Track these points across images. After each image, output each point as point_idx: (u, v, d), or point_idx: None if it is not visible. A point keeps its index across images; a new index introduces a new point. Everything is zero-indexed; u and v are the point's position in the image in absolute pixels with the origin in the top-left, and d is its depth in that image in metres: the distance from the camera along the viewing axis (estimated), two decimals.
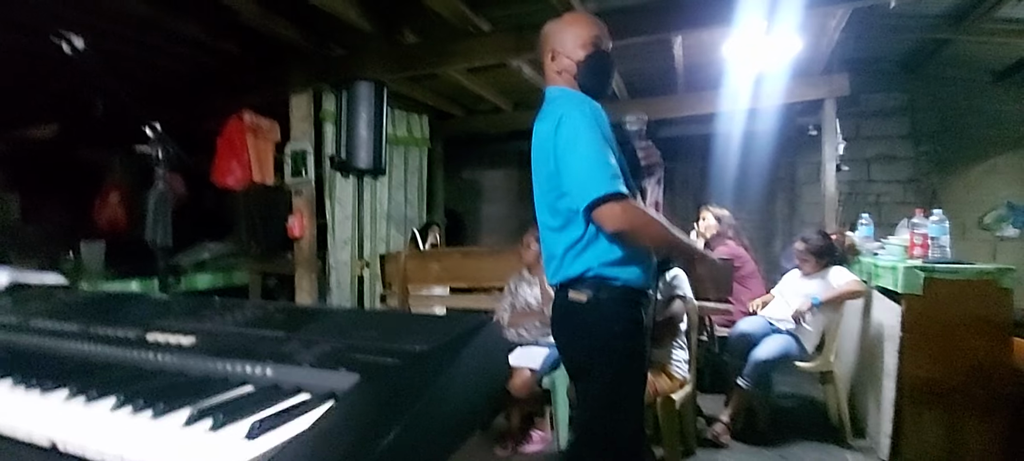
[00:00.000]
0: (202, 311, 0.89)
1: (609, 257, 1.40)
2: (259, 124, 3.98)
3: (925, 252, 2.48)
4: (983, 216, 4.62)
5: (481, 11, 3.13)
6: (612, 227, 1.34)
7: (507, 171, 6.36)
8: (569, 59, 1.46)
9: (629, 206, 1.34)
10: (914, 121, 4.79)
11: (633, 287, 1.42)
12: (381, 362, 0.60)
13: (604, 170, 1.32)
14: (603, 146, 1.35)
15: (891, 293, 2.50)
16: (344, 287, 3.96)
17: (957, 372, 2.31)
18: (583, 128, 1.36)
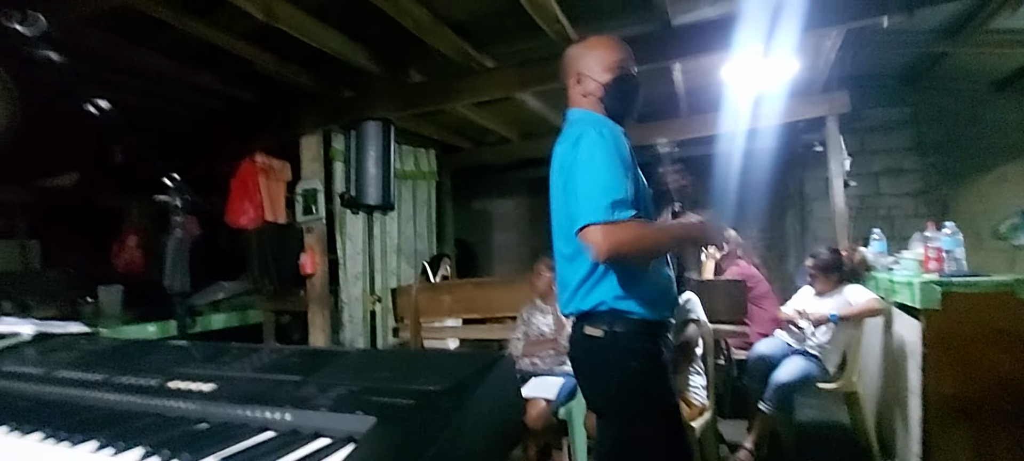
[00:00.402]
0: (221, 357, 0.91)
1: (623, 290, 1.35)
2: (271, 165, 4.08)
3: (940, 266, 2.44)
4: (998, 225, 4.57)
5: (484, 49, 3.21)
6: (597, 254, 1.28)
7: (517, 199, 6.40)
8: (595, 82, 1.44)
9: (611, 228, 1.26)
10: (919, 133, 4.78)
11: (650, 320, 1.36)
12: (397, 404, 0.61)
13: (604, 196, 1.27)
14: (616, 170, 1.30)
15: (910, 309, 2.46)
16: (357, 322, 3.98)
17: (982, 387, 2.26)
18: (599, 150, 1.31)
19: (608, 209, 1.27)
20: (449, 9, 2.79)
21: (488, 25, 2.96)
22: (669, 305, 1.45)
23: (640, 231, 1.32)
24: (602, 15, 2.88)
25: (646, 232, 1.35)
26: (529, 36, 2.95)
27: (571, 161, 1.35)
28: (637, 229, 1.31)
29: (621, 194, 1.28)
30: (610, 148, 1.32)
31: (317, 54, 3.00)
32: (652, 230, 1.36)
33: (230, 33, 2.83)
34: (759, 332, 3.18)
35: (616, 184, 1.29)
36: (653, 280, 1.40)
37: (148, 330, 3.33)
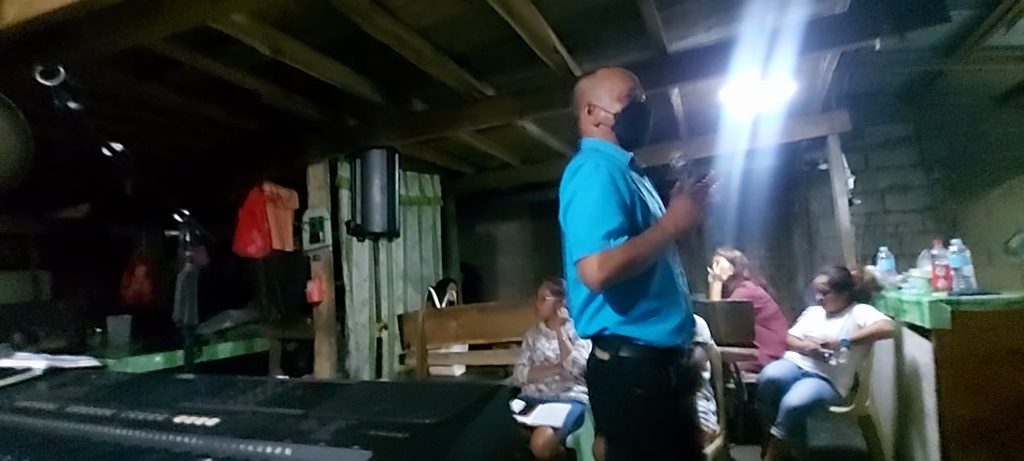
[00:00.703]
0: (225, 391, 0.92)
1: (626, 315, 1.36)
2: (278, 194, 4.15)
3: (949, 284, 2.41)
4: (1008, 240, 4.52)
5: (485, 78, 3.28)
6: (591, 285, 1.33)
7: (520, 223, 6.44)
8: (606, 112, 1.49)
9: (604, 257, 1.30)
10: (922, 150, 4.78)
11: (658, 346, 1.36)
12: (393, 438, 0.62)
13: (597, 228, 1.32)
14: (608, 201, 1.34)
15: (920, 329, 2.43)
16: (363, 350, 3.98)
17: (1001, 409, 2.20)
18: (594, 181, 1.36)
19: (602, 240, 1.31)
20: (450, 41, 2.86)
21: (488, 55, 3.03)
22: (681, 331, 1.41)
23: (629, 252, 1.32)
24: (599, 45, 2.93)
25: (635, 249, 1.33)
26: (528, 66, 3.00)
27: (569, 191, 1.41)
28: (626, 250, 1.32)
29: (614, 224, 1.33)
30: (604, 179, 1.36)
31: (322, 85, 3.08)
32: (636, 243, 1.34)
33: (238, 68, 2.92)
34: (769, 354, 3.15)
35: (609, 215, 1.33)
36: (660, 304, 1.38)
37: (155, 360, 3.35)
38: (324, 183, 3.82)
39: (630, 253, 1.31)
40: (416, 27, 2.66)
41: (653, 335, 1.36)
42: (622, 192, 1.38)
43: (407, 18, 2.58)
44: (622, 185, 1.39)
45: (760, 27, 2.61)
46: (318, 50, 2.83)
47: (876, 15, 2.43)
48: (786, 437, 2.62)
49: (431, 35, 2.76)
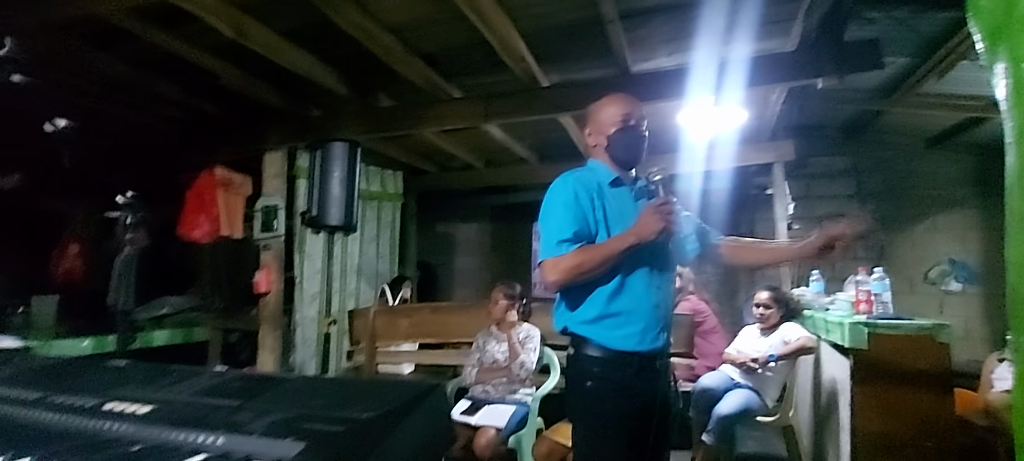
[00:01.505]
0: (161, 379, 0.92)
1: (584, 316, 1.51)
2: (231, 178, 4.02)
3: (870, 308, 2.59)
4: (928, 271, 4.91)
5: (452, 79, 3.30)
6: (546, 285, 1.52)
7: (480, 225, 6.46)
8: (601, 135, 1.63)
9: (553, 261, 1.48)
10: (859, 182, 5.11)
11: (612, 349, 1.47)
12: (327, 430, 0.65)
13: (553, 235, 1.50)
14: (565, 213, 1.50)
15: (841, 348, 2.61)
16: (310, 344, 3.91)
17: (906, 426, 2.38)
18: (557, 195, 1.55)
19: (555, 246, 1.49)
20: (419, 40, 2.87)
21: (457, 57, 3.05)
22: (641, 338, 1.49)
23: (578, 257, 1.47)
24: (566, 58, 3.02)
25: (584, 255, 1.47)
26: (496, 71, 3.05)
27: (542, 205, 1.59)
28: (576, 256, 1.47)
29: (567, 233, 1.49)
30: (566, 193, 1.54)
31: (286, 72, 3.02)
32: (588, 249, 1.48)
33: (198, 46, 2.83)
34: (706, 365, 3.30)
35: (564, 224, 1.50)
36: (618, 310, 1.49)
37: (82, 345, 3.18)
38: (281, 171, 3.74)
39: (578, 258, 1.47)
40: (386, 23, 2.66)
41: (608, 339, 1.48)
42: (583, 206, 1.52)
43: (378, 13, 2.57)
44: (585, 200, 1.53)
45: (716, 57, 2.76)
46: (284, 36, 2.78)
47: (819, 57, 2.62)
48: (716, 444, 2.76)
49: (401, 32, 2.76)
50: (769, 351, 2.86)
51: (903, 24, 2.77)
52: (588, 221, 1.52)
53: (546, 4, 2.51)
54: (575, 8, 2.52)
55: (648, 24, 2.65)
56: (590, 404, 1.50)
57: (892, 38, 2.89)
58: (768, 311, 3.05)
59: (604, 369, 1.48)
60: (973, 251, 4.77)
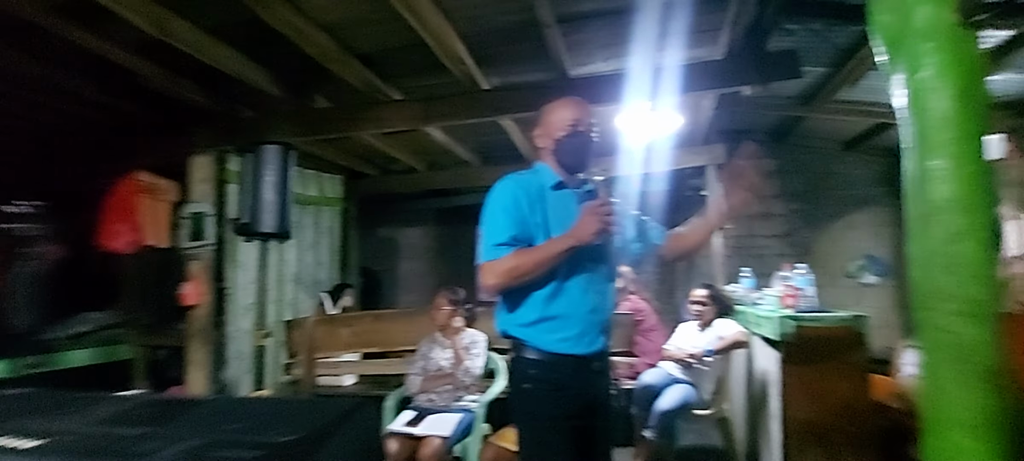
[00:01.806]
0: (62, 407, 0.83)
1: (521, 319, 1.52)
2: (155, 184, 3.76)
3: (796, 302, 2.74)
4: (848, 265, 5.29)
5: (391, 81, 3.23)
6: (486, 292, 1.51)
7: (424, 229, 6.37)
8: (549, 138, 1.63)
9: (488, 265, 1.49)
10: (784, 183, 5.44)
11: (548, 352, 1.49)
12: (242, 457, 0.60)
13: (489, 239, 1.51)
14: (502, 216, 1.51)
15: (770, 341, 2.76)
16: (244, 358, 3.70)
17: (830, 412, 2.54)
18: (495, 199, 1.55)
19: (492, 250, 1.50)
20: (355, 40, 2.79)
21: (395, 58, 2.99)
22: (578, 341, 1.51)
23: (513, 261, 1.48)
24: (506, 61, 3.02)
25: (518, 259, 1.47)
26: (436, 73, 3.01)
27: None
28: (510, 259, 1.48)
29: (503, 237, 1.50)
30: (504, 197, 1.54)
31: (213, 71, 2.85)
32: (523, 253, 1.48)
33: (116, 43, 2.62)
34: (646, 363, 3.40)
35: (500, 228, 1.51)
36: (554, 313, 1.50)
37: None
38: (210, 176, 3.52)
39: (514, 261, 1.47)
40: (320, 22, 2.57)
41: (544, 342, 1.50)
42: (522, 209, 1.52)
43: (310, 11, 2.48)
44: (525, 203, 1.53)
45: (650, 63, 2.85)
46: (210, 33, 2.63)
47: (745, 66, 2.77)
48: (657, 439, 2.85)
49: (335, 31, 2.68)
50: (705, 346, 2.98)
51: (819, 36, 2.97)
52: (527, 225, 1.52)
53: (483, 6, 2.50)
54: (513, 11, 2.53)
55: (585, 29, 2.70)
56: (528, 405, 1.52)
57: (809, 49, 3.10)
58: (704, 308, 3.18)
59: (541, 371, 1.50)
60: (886, 246, 5.19)
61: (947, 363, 1.14)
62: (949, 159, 1.08)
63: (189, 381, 3.31)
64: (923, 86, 1.10)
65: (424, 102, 3.24)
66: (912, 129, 1.13)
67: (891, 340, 4.57)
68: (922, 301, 1.19)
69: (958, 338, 1.12)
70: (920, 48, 1.09)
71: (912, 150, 1.13)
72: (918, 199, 1.14)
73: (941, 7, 1.08)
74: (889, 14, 1.16)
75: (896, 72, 1.17)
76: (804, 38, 2.99)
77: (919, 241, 1.17)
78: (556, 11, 2.45)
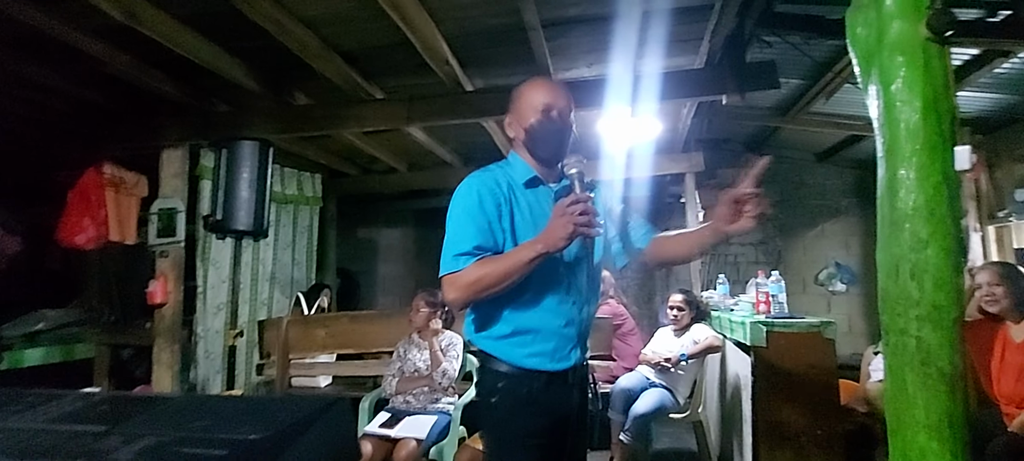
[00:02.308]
0: (9, 405, 0.79)
1: (490, 332, 1.39)
2: (122, 177, 3.63)
3: (768, 308, 2.81)
4: (818, 274, 5.43)
5: (373, 80, 3.20)
6: (452, 304, 1.37)
7: (404, 230, 6.32)
8: (520, 126, 1.45)
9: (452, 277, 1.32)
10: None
11: (518, 366, 1.36)
12: (206, 454, 0.58)
13: (450, 248, 1.34)
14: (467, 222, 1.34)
15: (743, 345, 2.81)
16: (214, 358, 3.60)
17: (799, 414, 2.60)
18: (458, 203, 1.38)
19: (453, 261, 1.32)
20: (338, 37, 2.75)
21: (378, 57, 2.96)
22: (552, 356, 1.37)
23: (476, 272, 1.30)
24: (490, 63, 3.02)
25: (483, 270, 1.30)
26: (419, 73, 2.99)
27: None
28: (475, 270, 1.30)
29: (465, 246, 1.32)
30: (468, 200, 1.37)
31: (186, 62, 2.77)
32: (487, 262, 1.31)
33: (79, 28, 2.52)
34: (624, 367, 3.42)
35: (463, 236, 1.34)
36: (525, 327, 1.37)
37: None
38: (181, 171, 3.42)
39: (477, 273, 1.29)
40: (301, 16, 2.52)
41: (513, 357, 1.37)
42: (488, 212, 1.35)
43: (291, 5, 2.43)
44: (491, 205, 1.36)
45: (631, 70, 2.88)
46: (183, 22, 2.55)
47: (724, 76, 2.82)
48: (633, 442, 2.86)
49: (318, 27, 2.63)
50: (681, 351, 3.02)
51: (796, 49, 3.05)
52: (493, 230, 1.35)
53: (470, 8, 2.50)
54: (499, 14, 2.52)
55: (569, 34, 2.72)
56: (496, 420, 1.41)
57: (787, 61, 3.18)
58: (681, 313, 3.22)
59: (509, 383, 1.37)
60: (855, 255, 5.34)
61: (911, 366, 1.17)
62: (916, 168, 1.12)
63: (155, 381, 3.21)
64: (893, 98, 1.14)
65: (407, 102, 3.21)
66: (883, 139, 1.16)
67: (858, 346, 4.73)
68: (888, 306, 1.22)
69: (921, 342, 1.15)
70: (892, 61, 1.13)
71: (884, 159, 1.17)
72: (887, 207, 1.18)
73: (913, 23, 1.12)
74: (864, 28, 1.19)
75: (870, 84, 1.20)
76: (782, 50, 3.06)
77: (887, 248, 1.20)
78: (542, 15, 2.45)
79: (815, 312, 4.39)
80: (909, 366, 1.16)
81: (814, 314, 2.90)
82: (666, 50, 2.74)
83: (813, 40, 3.02)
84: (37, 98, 3.31)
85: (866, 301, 5.24)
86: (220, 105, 3.47)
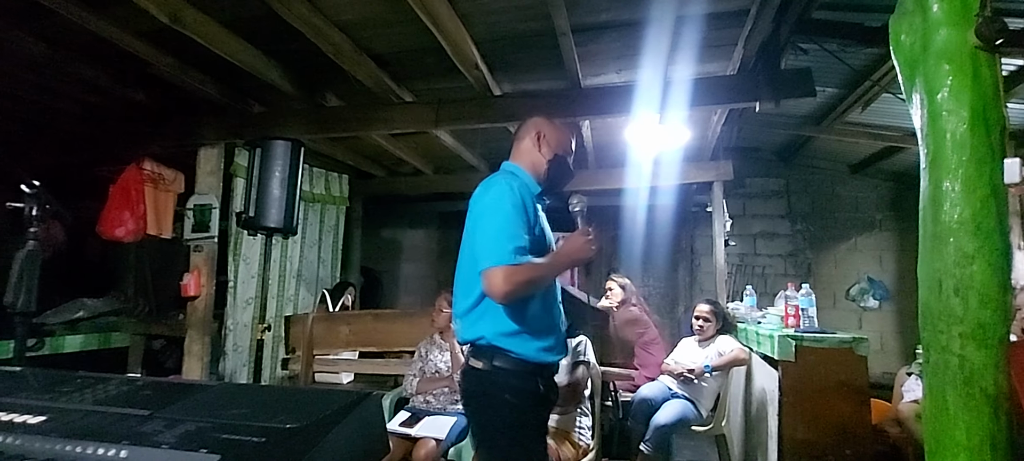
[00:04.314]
0: (60, 386, 0.83)
1: (504, 328, 1.47)
2: (161, 173, 3.76)
3: (797, 322, 2.74)
4: (849, 288, 5.27)
5: (403, 82, 3.24)
6: (495, 295, 1.42)
7: (427, 231, 6.38)
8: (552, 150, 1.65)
9: (512, 270, 1.40)
10: (790, 203, 5.45)
11: (529, 361, 1.47)
12: (245, 442, 0.60)
13: (507, 242, 1.42)
14: (518, 220, 1.47)
15: (770, 359, 2.74)
16: (242, 351, 3.69)
17: (828, 433, 2.52)
18: (506, 200, 1.48)
19: (511, 254, 1.42)
20: (371, 40, 2.80)
21: (409, 60, 3.00)
22: (552, 350, 1.54)
23: (533, 270, 1.44)
24: (520, 68, 3.03)
25: (537, 270, 1.46)
26: (448, 77, 3.02)
27: (481, 205, 1.52)
28: (531, 269, 1.44)
29: (522, 242, 1.45)
30: (516, 199, 1.49)
31: (225, 64, 2.86)
32: (539, 264, 1.47)
33: (127, 30, 2.63)
34: (646, 376, 3.37)
35: (517, 232, 1.45)
36: (537, 324, 1.49)
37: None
38: (216, 169, 3.53)
39: (533, 272, 1.44)
40: (336, 20, 2.58)
41: (526, 351, 1.47)
42: (529, 215, 1.50)
43: (327, 9, 2.49)
44: (530, 209, 1.52)
45: (662, 76, 2.86)
46: (225, 26, 2.64)
47: (757, 82, 2.77)
48: (653, 453, 2.82)
49: (352, 31, 2.69)
50: (705, 362, 2.97)
51: (833, 56, 2.98)
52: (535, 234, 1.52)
53: (500, 13, 2.51)
54: (529, 18, 2.53)
55: (599, 39, 2.71)
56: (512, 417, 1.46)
57: (823, 69, 3.10)
58: (707, 323, 3.16)
59: (522, 381, 1.47)
60: (889, 271, 5.17)
61: (953, 386, 1.13)
62: (962, 181, 1.08)
63: (186, 371, 3.30)
64: (939, 107, 1.10)
65: (435, 105, 3.24)
66: (927, 150, 1.13)
67: (891, 365, 4.57)
68: (929, 322, 1.18)
69: (964, 361, 1.11)
70: (938, 69, 1.09)
71: (927, 171, 1.13)
72: (930, 220, 1.14)
73: (961, 30, 1.09)
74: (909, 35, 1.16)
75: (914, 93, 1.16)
76: (818, 58, 2.99)
77: (929, 262, 1.16)
78: (572, 20, 2.45)
79: (845, 328, 4.26)
80: (951, 385, 1.12)
81: (845, 330, 2.81)
82: (698, 56, 2.70)
83: (851, 47, 2.94)
84: (86, 97, 3.46)
85: (900, 318, 5.06)
86: (255, 106, 3.57)
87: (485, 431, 1.51)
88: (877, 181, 5.22)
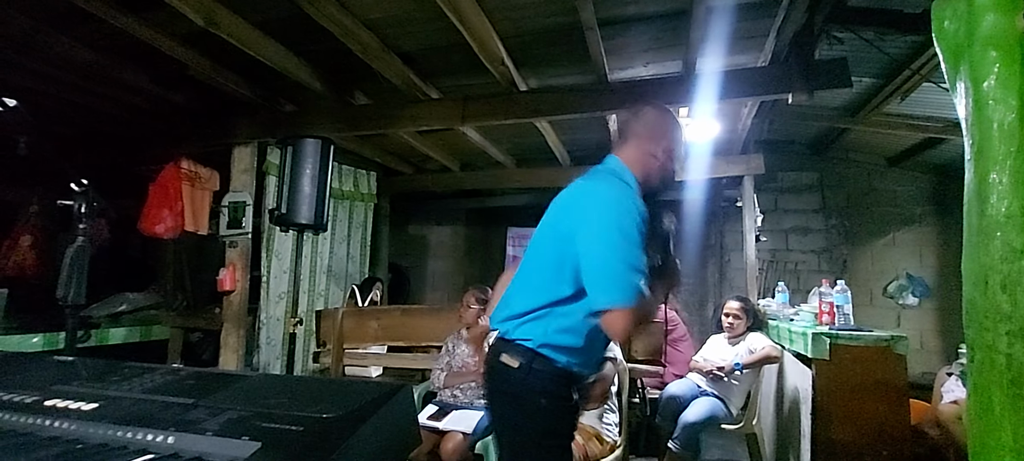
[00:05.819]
0: (110, 375, 0.87)
1: (558, 341, 1.38)
2: (197, 172, 3.90)
3: (832, 319, 2.66)
4: (887, 285, 5.09)
5: (430, 80, 3.28)
6: (617, 336, 1.36)
7: (454, 228, 6.43)
8: (664, 152, 1.49)
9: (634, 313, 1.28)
10: (824, 198, 5.28)
11: (569, 370, 1.40)
12: (285, 430, 0.62)
13: (636, 277, 1.28)
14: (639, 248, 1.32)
15: (803, 357, 2.68)
16: (275, 345, 3.80)
17: (864, 434, 2.45)
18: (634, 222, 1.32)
19: (639, 292, 1.27)
20: (398, 38, 2.83)
21: (435, 57, 3.03)
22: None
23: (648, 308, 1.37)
24: (546, 63, 3.02)
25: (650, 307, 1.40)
26: (475, 73, 3.03)
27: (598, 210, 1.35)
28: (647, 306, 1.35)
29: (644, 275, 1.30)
30: (640, 222, 1.33)
31: (257, 65, 2.94)
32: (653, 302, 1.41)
33: (165, 33, 2.73)
34: (674, 373, 3.34)
35: (643, 264, 1.31)
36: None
37: (32, 341, 3.03)
38: (250, 167, 3.64)
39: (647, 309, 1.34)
40: (364, 19, 2.62)
41: (571, 361, 1.39)
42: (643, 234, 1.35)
43: (355, 9, 2.53)
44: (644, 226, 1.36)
45: (691, 69, 2.81)
46: (257, 27, 2.71)
47: (790, 73, 2.69)
48: (681, 451, 2.79)
49: (379, 29, 2.73)
50: (735, 360, 2.92)
51: (870, 45, 2.87)
52: None
53: (526, 8, 2.51)
54: (555, 13, 2.53)
55: (627, 33, 2.68)
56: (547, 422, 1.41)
57: (859, 58, 2.99)
58: (737, 321, 3.11)
59: (558, 387, 1.40)
60: (929, 267, 4.97)
61: (999, 386, 1.08)
62: (1011, 172, 1.03)
63: (222, 363, 3.42)
64: (986, 96, 1.05)
65: (462, 101, 3.26)
66: (973, 140, 1.08)
67: (931, 365, 4.40)
68: (975, 320, 1.13)
69: (1012, 360, 1.06)
70: (985, 57, 1.04)
71: (972, 162, 1.08)
72: (976, 213, 1.09)
73: (1009, 15, 1.03)
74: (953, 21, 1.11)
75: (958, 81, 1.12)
76: (854, 47, 2.89)
77: (974, 257, 1.12)
78: (599, 14, 2.43)
79: (883, 326, 4.11)
80: (997, 385, 1.07)
81: (882, 328, 2.72)
82: (728, 48, 2.64)
83: (889, 36, 2.83)
84: (126, 98, 3.61)
85: (941, 316, 4.87)
86: (287, 105, 3.66)
87: (516, 432, 1.44)
88: (916, 174, 5.01)
